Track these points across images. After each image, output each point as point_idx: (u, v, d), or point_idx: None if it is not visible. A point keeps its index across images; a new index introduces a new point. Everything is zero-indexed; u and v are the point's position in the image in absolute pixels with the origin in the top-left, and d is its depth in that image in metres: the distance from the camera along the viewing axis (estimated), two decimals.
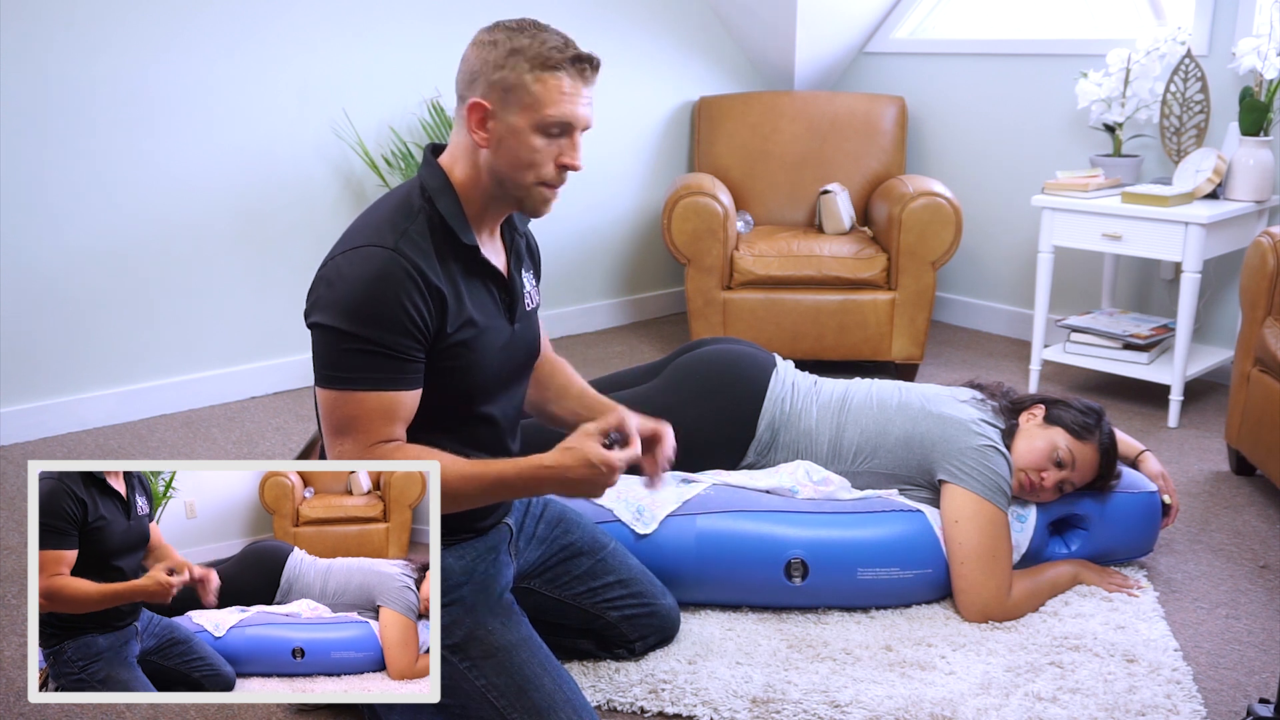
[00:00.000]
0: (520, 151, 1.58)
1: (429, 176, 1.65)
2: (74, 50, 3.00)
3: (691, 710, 1.86)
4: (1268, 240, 2.72)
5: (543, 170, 1.60)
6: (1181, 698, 1.89)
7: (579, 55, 1.58)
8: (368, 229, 1.60)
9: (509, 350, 1.73)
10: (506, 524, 1.83)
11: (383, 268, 1.54)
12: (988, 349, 4.06)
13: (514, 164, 1.59)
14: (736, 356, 2.44)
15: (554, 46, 1.57)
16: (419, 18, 3.61)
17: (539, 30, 1.59)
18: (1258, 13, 3.36)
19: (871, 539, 2.14)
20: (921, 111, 4.34)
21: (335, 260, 1.58)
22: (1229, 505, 2.72)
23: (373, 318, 1.52)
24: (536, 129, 1.57)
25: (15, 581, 2.33)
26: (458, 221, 1.63)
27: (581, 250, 4.23)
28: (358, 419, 1.54)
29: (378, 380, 1.54)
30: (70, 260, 3.09)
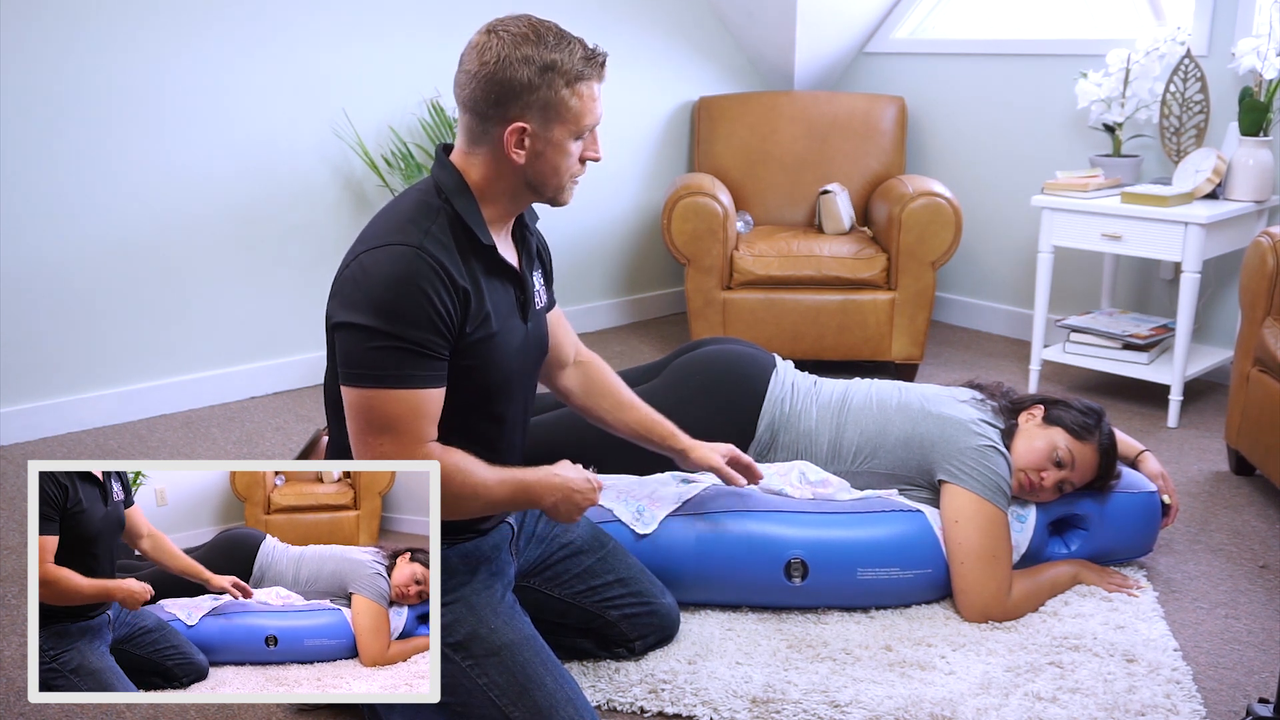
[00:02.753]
0: (559, 160, 1.65)
1: (445, 177, 1.65)
2: (74, 52, 2.99)
3: (691, 710, 1.87)
4: (1267, 240, 2.72)
5: (574, 168, 1.68)
6: (1181, 698, 1.89)
7: (598, 57, 1.63)
8: (390, 228, 1.60)
9: (523, 349, 1.74)
10: (508, 523, 1.84)
11: (410, 265, 1.54)
12: (987, 349, 4.06)
13: (552, 171, 1.65)
14: (736, 357, 2.44)
15: (583, 57, 1.61)
16: (419, 18, 3.62)
17: (561, 39, 1.61)
18: (1257, 13, 3.36)
19: (871, 539, 2.14)
20: (921, 111, 4.34)
21: (360, 259, 1.58)
22: (1229, 505, 2.72)
23: (402, 315, 1.53)
24: (574, 137, 1.64)
25: (15, 581, 2.33)
26: (476, 221, 1.64)
27: (581, 250, 4.23)
28: (399, 418, 1.55)
29: (409, 378, 1.55)
30: (70, 261, 3.09)
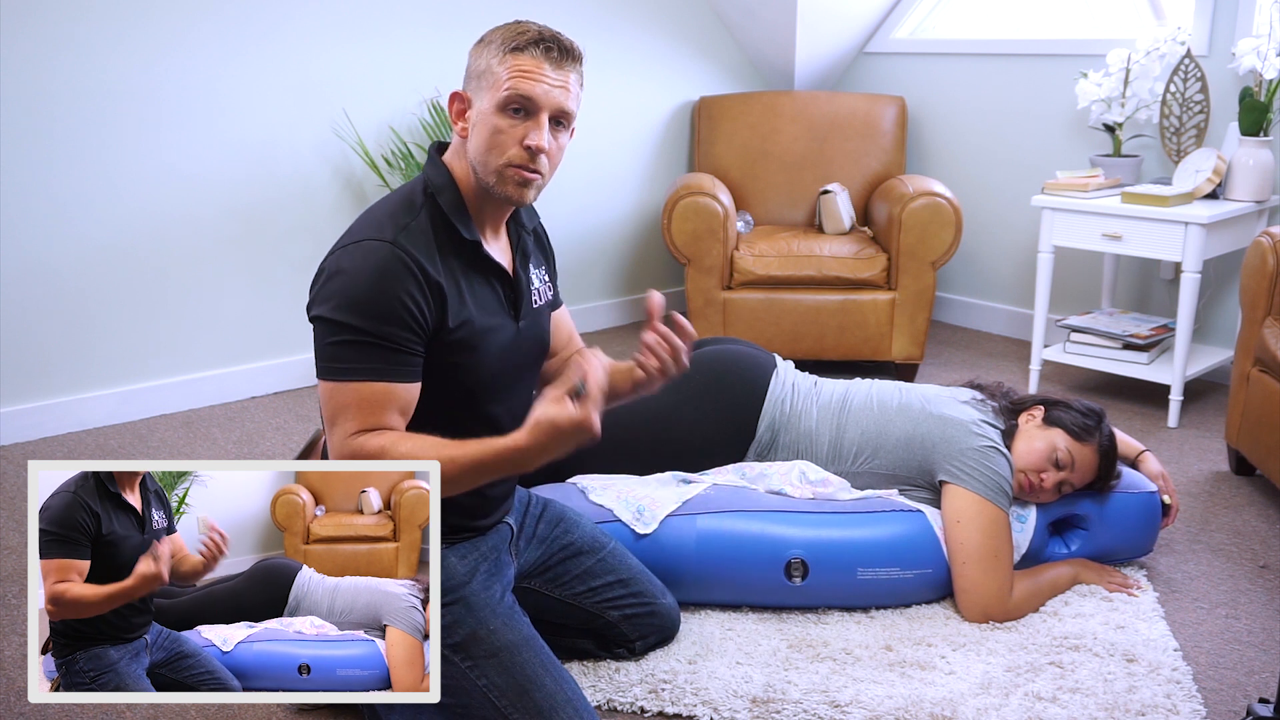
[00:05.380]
0: (486, 133, 1.60)
1: (433, 173, 1.66)
2: (73, 51, 2.99)
3: (691, 710, 1.87)
4: (1268, 240, 2.72)
5: (508, 151, 1.60)
6: (1181, 697, 1.89)
7: (545, 36, 1.59)
8: (369, 224, 1.61)
9: (513, 348, 1.73)
10: (507, 523, 1.84)
11: (382, 261, 1.55)
12: (987, 349, 4.06)
13: (482, 147, 1.61)
14: (736, 357, 2.43)
15: (522, 31, 1.59)
16: (419, 18, 3.61)
17: (520, 22, 1.62)
18: (1258, 13, 3.36)
19: (871, 539, 2.14)
20: (921, 111, 4.34)
21: (336, 255, 1.60)
22: (1229, 505, 2.72)
23: (370, 310, 1.54)
24: (499, 108, 1.59)
25: (15, 581, 2.33)
26: (459, 217, 1.64)
27: (581, 250, 4.23)
28: (348, 407, 1.55)
29: (372, 371, 1.55)
30: (70, 260, 3.09)
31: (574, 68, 1.62)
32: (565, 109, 1.61)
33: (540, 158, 1.60)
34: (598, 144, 4.14)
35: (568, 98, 1.61)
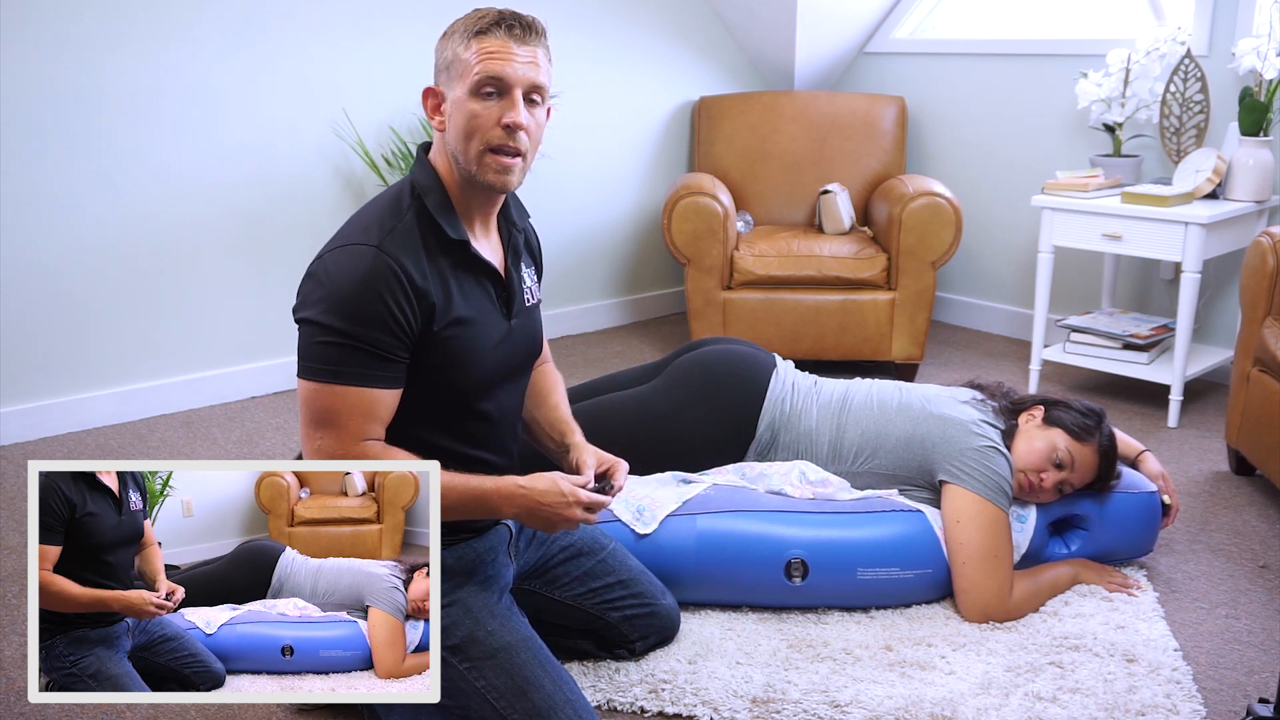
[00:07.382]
0: (462, 120, 1.59)
1: (420, 173, 1.67)
2: (73, 51, 2.99)
3: (691, 710, 1.87)
4: (1268, 240, 2.72)
5: (487, 134, 1.59)
6: (1181, 697, 1.89)
7: (506, 15, 1.59)
8: (356, 227, 1.62)
9: (505, 346, 1.73)
10: (506, 525, 1.83)
11: (367, 266, 1.55)
12: (987, 349, 4.06)
13: (460, 135, 1.60)
14: (736, 357, 2.43)
15: (483, 15, 1.60)
16: (419, 18, 3.61)
17: (479, 9, 1.63)
18: (1258, 13, 3.36)
19: (871, 539, 2.14)
20: (921, 111, 4.34)
21: (323, 258, 1.60)
22: (1229, 505, 2.72)
23: (355, 314, 1.54)
24: (472, 93, 1.58)
25: (15, 581, 2.33)
26: (446, 217, 1.64)
27: (581, 250, 4.23)
28: (339, 413, 1.55)
29: (358, 375, 1.55)
30: (70, 260, 3.09)
31: (539, 42, 1.62)
32: (537, 83, 1.61)
33: (519, 135, 1.59)
34: (598, 144, 4.14)
35: (538, 72, 1.61)
